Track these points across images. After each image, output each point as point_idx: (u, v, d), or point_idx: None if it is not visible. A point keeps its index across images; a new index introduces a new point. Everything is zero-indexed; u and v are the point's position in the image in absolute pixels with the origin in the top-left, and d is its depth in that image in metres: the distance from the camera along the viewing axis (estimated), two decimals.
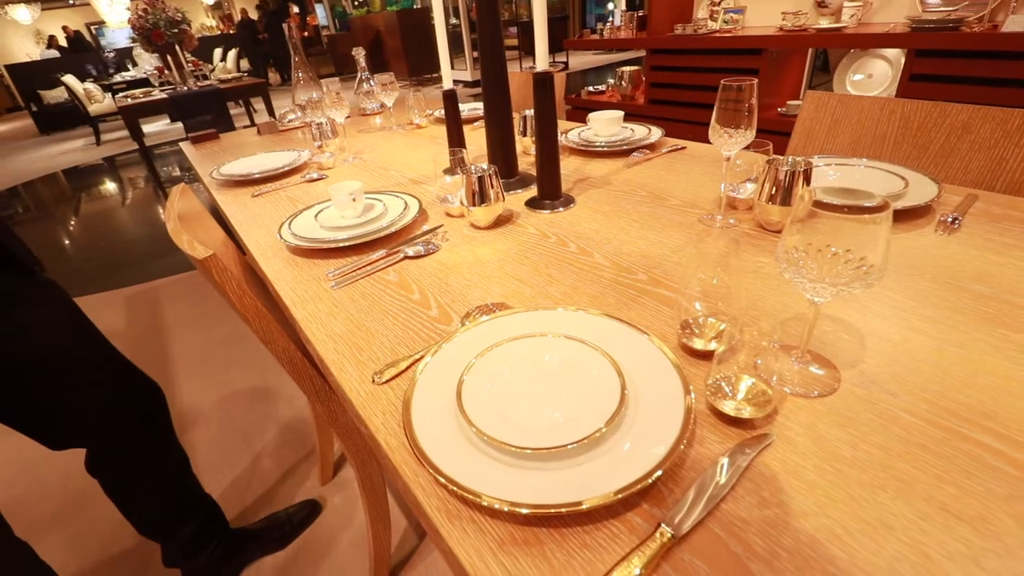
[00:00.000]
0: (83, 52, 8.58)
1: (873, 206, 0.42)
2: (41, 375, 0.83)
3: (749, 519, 0.38)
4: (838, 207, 0.42)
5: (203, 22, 13.41)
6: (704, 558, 0.36)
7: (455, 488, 0.41)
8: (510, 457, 0.43)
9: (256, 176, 1.32)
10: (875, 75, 2.23)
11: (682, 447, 0.42)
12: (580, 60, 8.61)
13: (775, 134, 2.14)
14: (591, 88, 3.47)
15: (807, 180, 0.72)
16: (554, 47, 7.57)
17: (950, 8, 1.92)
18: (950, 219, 0.74)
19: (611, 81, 3.32)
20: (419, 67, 8.43)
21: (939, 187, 0.80)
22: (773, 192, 0.75)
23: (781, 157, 0.75)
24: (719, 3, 2.70)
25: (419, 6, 9.03)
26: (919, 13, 1.98)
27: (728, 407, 0.46)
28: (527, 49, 8.23)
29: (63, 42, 10.14)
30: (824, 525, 0.37)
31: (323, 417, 0.88)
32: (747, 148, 0.79)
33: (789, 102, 2.40)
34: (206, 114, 4.65)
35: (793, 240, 0.45)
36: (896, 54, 2.14)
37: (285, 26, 1.51)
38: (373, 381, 0.56)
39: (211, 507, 1.15)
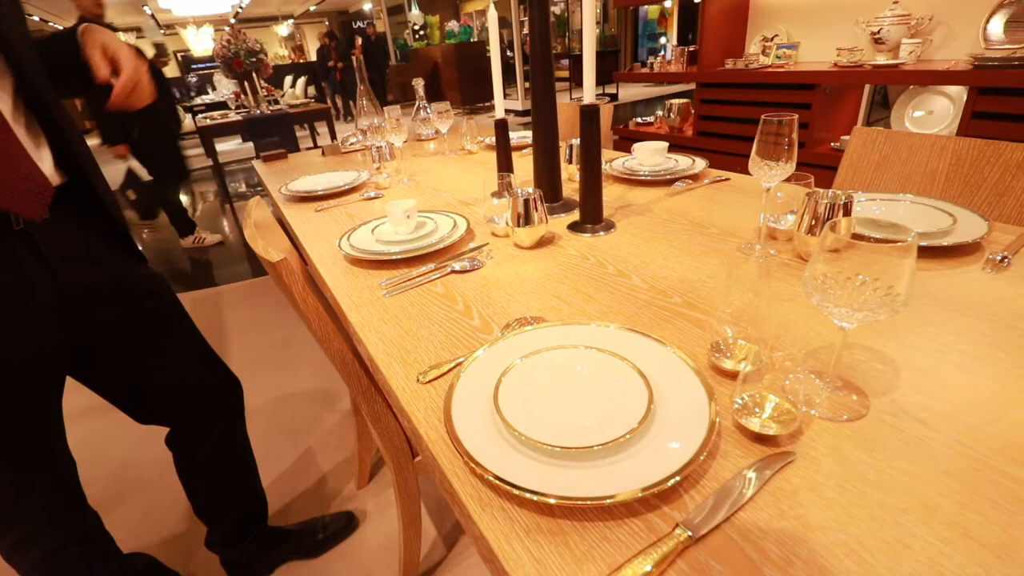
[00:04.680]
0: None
1: (900, 239, 0.43)
2: (148, 356, 0.94)
3: (767, 528, 0.40)
4: (866, 238, 0.45)
5: (276, 52, 14.45)
6: (720, 559, 0.38)
7: (489, 477, 0.44)
8: (540, 454, 0.47)
9: (319, 193, 1.42)
10: (936, 112, 2.18)
11: (702, 457, 0.44)
12: (630, 92, 8.70)
13: (828, 168, 2.11)
14: (639, 119, 3.51)
15: (847, 213, 0.73)
16: (605, 79, 7.70)
17: (1015, 46, 1.86)
18: (999, 257, 0.73)
19: (659, 113, 3.35)
20: (472, 96, 8.76)
21: (989, 225, 0.79)
22: (812, 224, 0.76)
23: (821, 190, 0.77)
24: (772, 38, 2.71)
25: (475, 39, 9.43)
26: (982, 51, 1.93)
27: (753, 424, 0.48)
28: (577, 81, 8.39)
29: None
30: (841, 540, 0.39)
31: (366, 419, 0.93)
32: (788, 180, 0.81)
33: (843, 137, 2.36)
34: (274, 136, 4.99)
35: (822, 268, 0.47)
36: (958, 91, 2.08)
37: (353, 57, 1.64)
38: (418, 380, 0.61)
39: (260, 503, 1.22)
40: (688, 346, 0.62)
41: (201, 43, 11.24)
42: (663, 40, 9.85)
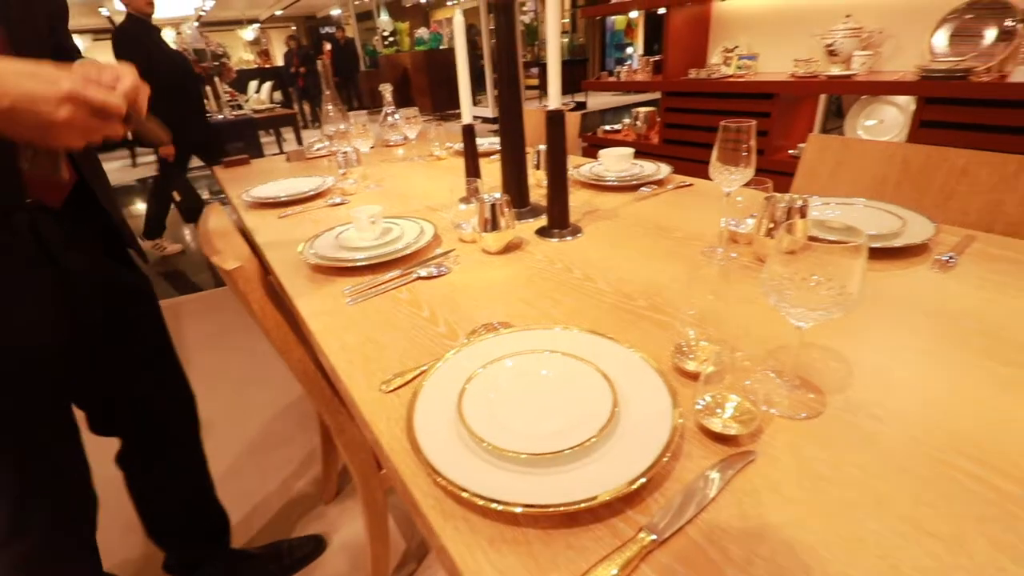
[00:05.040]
0: None
1: (852, 241, 0.45)
2: (134, 361, 0.91)
3: (728, 529, 0.40)
4: (820, 240, 0.46)
5: (241, 56, 14.15)
6: (682, 562, 0.38)
7: (451, 487, 0.43)
8: (504, 462, 0.46)
9: (283, 199, 1.39)
10: (886, 120, 2.27)
11: (666, 459, 0.44)
12: (598, 100, 8.84)
13: (786, 175, 2.18)
14: (607, 127, 3.56)
15: (803, 217, 0.75)
16: (573, 88, 7.80)
17: (959, 58, 1.96)
18: (946, 258, 0.77)
19: (627, 121, 3.41)
20: (442, 103, 8.75)
21: (936, 227, 0.82)
22: (771, 227, 0.78)
23: (779, 195, 0.79)
24: (733, 49, 2.79)
25: (445, 46, 9.43)
26: (928, 62, 2.03)
27: (715, 424, 0.48)
28: (547, 88, 8.49)
29: None
30: (799, 537, 0.39)
31: (330, 432, 0.91)
32: (748, 185, 0.83)
33: (800, 144, 2.44)
34: (238, 141, 4.88)
35: (778, 269, 0.48)
36: (907, 100, 2.18)
37: (319, 62, 1.62)
38: (380, 389, 0.59)
39: (220, 522, 1.17)
40: (652, 348, 0.62)
41: None
42: (630, 50, 10.05)
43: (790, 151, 2.47)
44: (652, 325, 0.68)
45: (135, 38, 2.91)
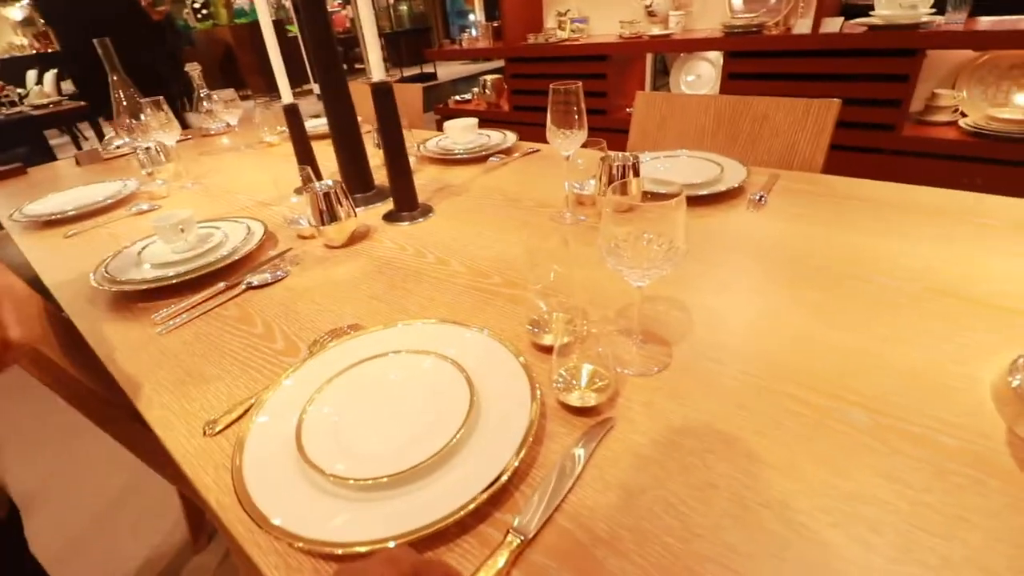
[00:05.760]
0: None
1: (668, 194, 0.45)
2: None
3: (594, 506, 0.39)
4: (652, 196, 0.45)
5: (11, 40, 11.46)
6: (553, 555, 0.36)
7: (288, 539, 0.37)
8: (359, 491, 0.41)
9: (70, 214, 1.14)
10: (702, 75, 2.50)
11: (529, 439, 0.42)
12: (449, 70, 8.65)
13: (625, 132, 2.31)
14: (458, 97, 3.49)
15: (636, 173, 0.78)
16: (418, 58, 7.55)
17: (752, 14, 2.20)
18: (758, 197, 0.84)
19: (475, 90, 3.37)
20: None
21: (748, 170, 0.90)
22: (608, 186, 0.80)
23: (614, 154, 0.80)
24: (565, 13, 2.85)
25: (273, 19, 8.52)
26: (729, 19, 2.25)
27: (573, 398, 0.47)
28: (394, 62, 8.12)
29: None
30: (660, 497, 0.39)
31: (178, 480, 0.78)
32: (586, 146, 0.83)
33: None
34: (18, 146, 3.97)
35: (613, 230, 0.48)
36: (717, 56, 2.41)
37: (97, 43, 1.32)
38: (204, 433, 0.50)
39: None
40: (510, 326, 0.60)
41: None
42: (471, 17, 9.92)
43: (628, 109, 2.61)
44: (507, 302, 0.66)
45: None
